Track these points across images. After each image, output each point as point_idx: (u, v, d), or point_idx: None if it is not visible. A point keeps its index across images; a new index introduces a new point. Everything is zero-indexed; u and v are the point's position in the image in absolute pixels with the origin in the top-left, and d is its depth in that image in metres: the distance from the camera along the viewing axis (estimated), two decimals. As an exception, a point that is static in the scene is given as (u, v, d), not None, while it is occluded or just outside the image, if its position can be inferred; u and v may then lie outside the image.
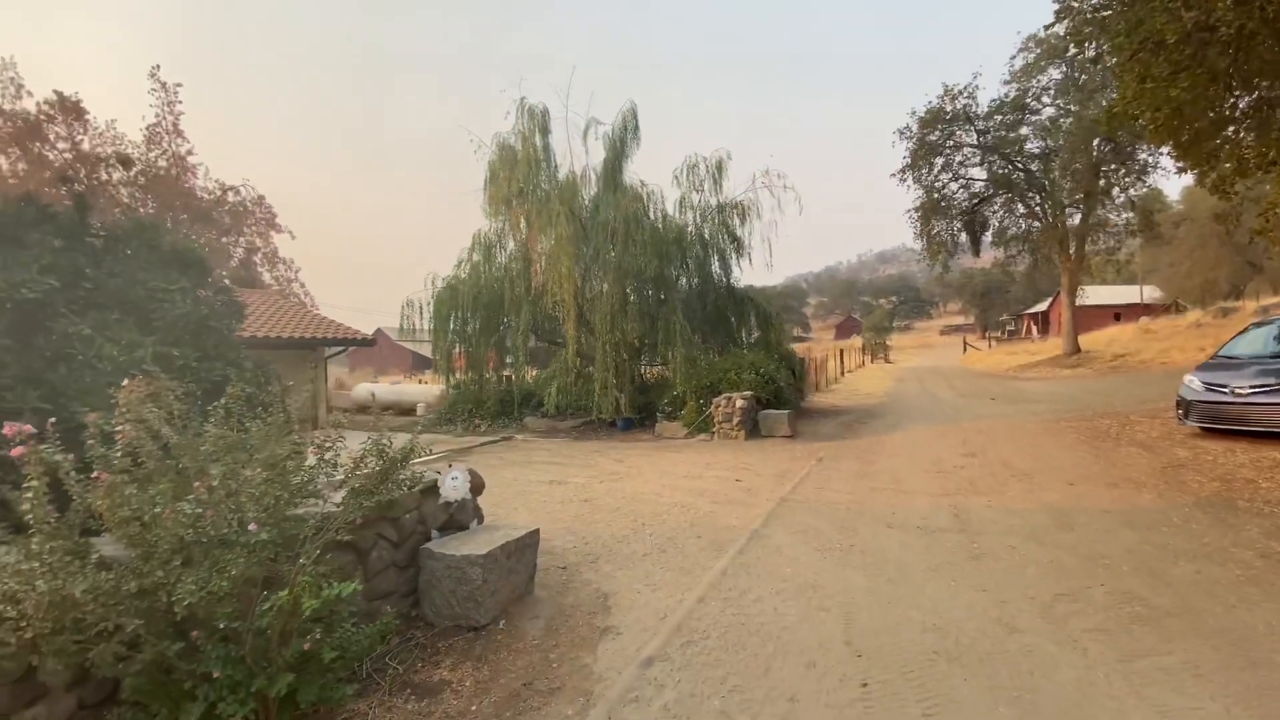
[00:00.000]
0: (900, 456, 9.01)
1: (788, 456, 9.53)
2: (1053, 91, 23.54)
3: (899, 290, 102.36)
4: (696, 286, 15.88)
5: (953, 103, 23.95)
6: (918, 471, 7.86)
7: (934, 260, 28.02)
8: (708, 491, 7.34)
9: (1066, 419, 11.61)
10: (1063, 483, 6.70)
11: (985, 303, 64.64)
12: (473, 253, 15.93)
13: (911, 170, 25.95)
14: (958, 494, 6.54)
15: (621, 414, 13.95)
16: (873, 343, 44.22)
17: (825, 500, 6.58)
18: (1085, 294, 29.43)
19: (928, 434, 11.07)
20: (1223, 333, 22.53)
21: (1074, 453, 8.38)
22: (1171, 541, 4.69)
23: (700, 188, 16.28)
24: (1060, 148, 23.80)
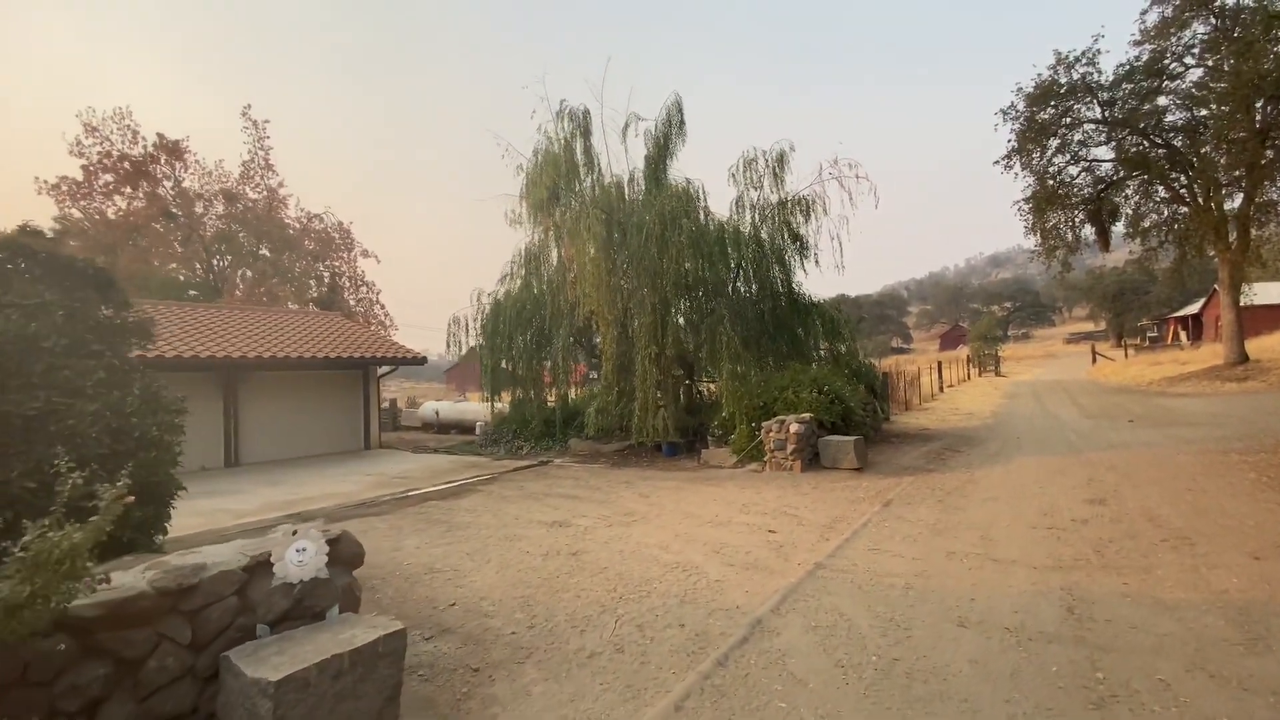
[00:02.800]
0: (998, 501, 6.93)
1: (847, 497, 7.69)
2: (1198, 50, 19.59)
3: (1014, 295, 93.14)
4: (754, 294, 14.19)
5: (1068, 72, 20.56)
6: (1019, 526, 5.84)
7: (1050, 258, 24.28)
8: (728, 547, 5.77)
9: (1237, 449, 8.85)
10: (1243, 555, 4.53)
11: (1119, 306, 56.66)
12: (515, 266, 15.25)
13: (1019, 155, 22.64)
14: (1076, 568, 4.56)
15: (667, 437, 12.50)
16: (980, 353, 39.59)
17: (877, 569, 4.82)
18: (1253, 292, 24.39)
19: (1040, 469, 8.75)
20: None
21: (1255, 503, 5.98)
22: None
23: (759, 184, 14.69)
24: (1212, 116, 19.74)
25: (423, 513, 8.18)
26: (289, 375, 15.37)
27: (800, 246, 14.35)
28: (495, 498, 9.01)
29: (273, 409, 15.09)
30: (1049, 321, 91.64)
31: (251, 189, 27.67)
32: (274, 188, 28.32)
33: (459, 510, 8.22)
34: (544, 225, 14.12)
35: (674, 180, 13.58)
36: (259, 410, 14.83)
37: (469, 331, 16.03)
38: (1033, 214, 23.56)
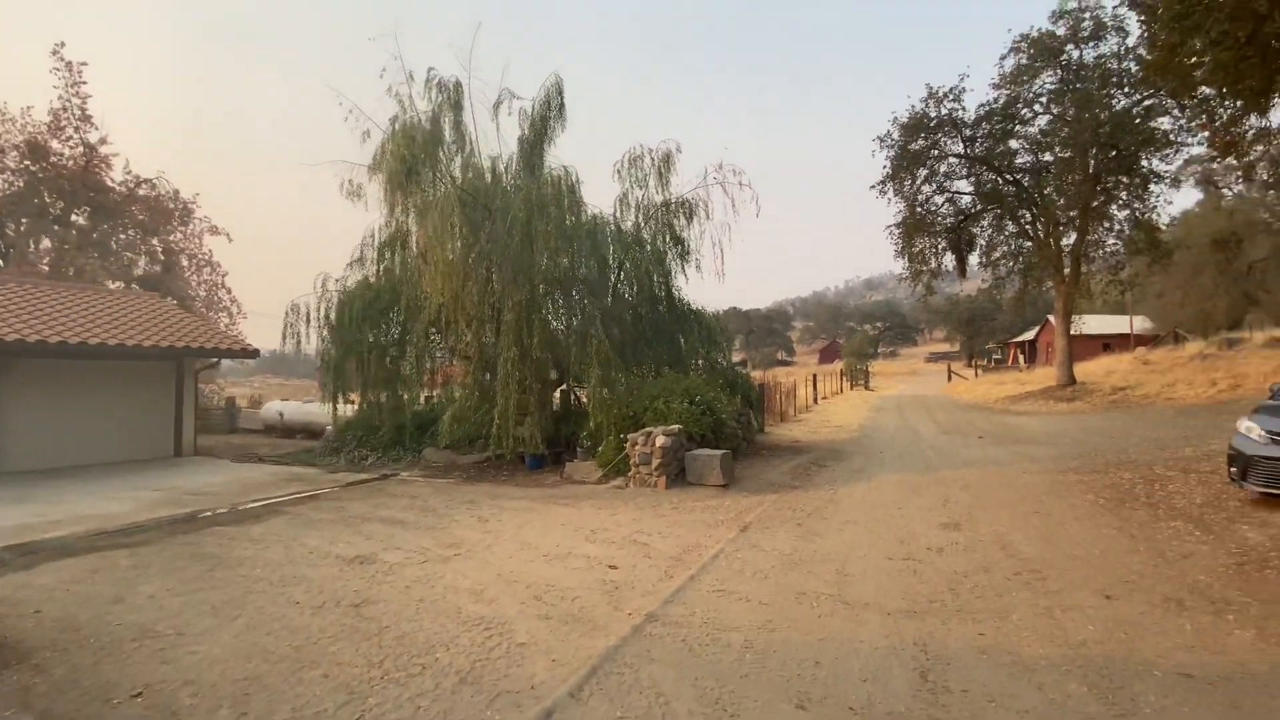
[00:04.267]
0: (857, 526, 6.51)
1: (706, 520, 6.99)
2: (1045, 99, 21.66)
3: (885, 316, 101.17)
4: (633, 296, 13.46)
5: (937, 107, 21.99)
6: (876, 557, 5.36)
7: (916, 282, 25.89)
8: (554, 591, 4.78)
9: (1075, 469, 9.23)
10: (1095, 593, 4.23)
11: (971, 330, 62.99)
12: (367, 250, 13.48)
13: (892, 182, 23.91)
14: (931, 613, 4.03)
15: (533, 448, 11.36)
16: (853, 369, 42.01)
17: (717, 620, 4.03)
18: (1082, 321, 27.41)
19: (899, 487, 8.60)
20: (1234, 365, 20.46)
21: (1097, 529, 5.94)
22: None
23: (644, 183, 14.00)
24: (1055, 160, 21.89)
25: (194, 544, 6.49)
26: (74, 366, 12.54)
27: (682, 250, 13.83)
28: (300, 522, 7.45)
29: (49, 406, 12.23)
30: (913, 341, 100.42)
31: (63, 143, 23.08)
32: (93, 144, 23.82)
33: (243, 540, 6.61)
34: (401, 205, 12.50)
35: (551, 167, 12.54)
36: (28, 407, 11.95)
37: (311, 322, 13.96)
38: (902, 239, 24.99)
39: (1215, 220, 30.91)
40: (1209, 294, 33.17)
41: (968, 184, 24.40)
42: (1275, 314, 33.58)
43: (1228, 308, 34.35)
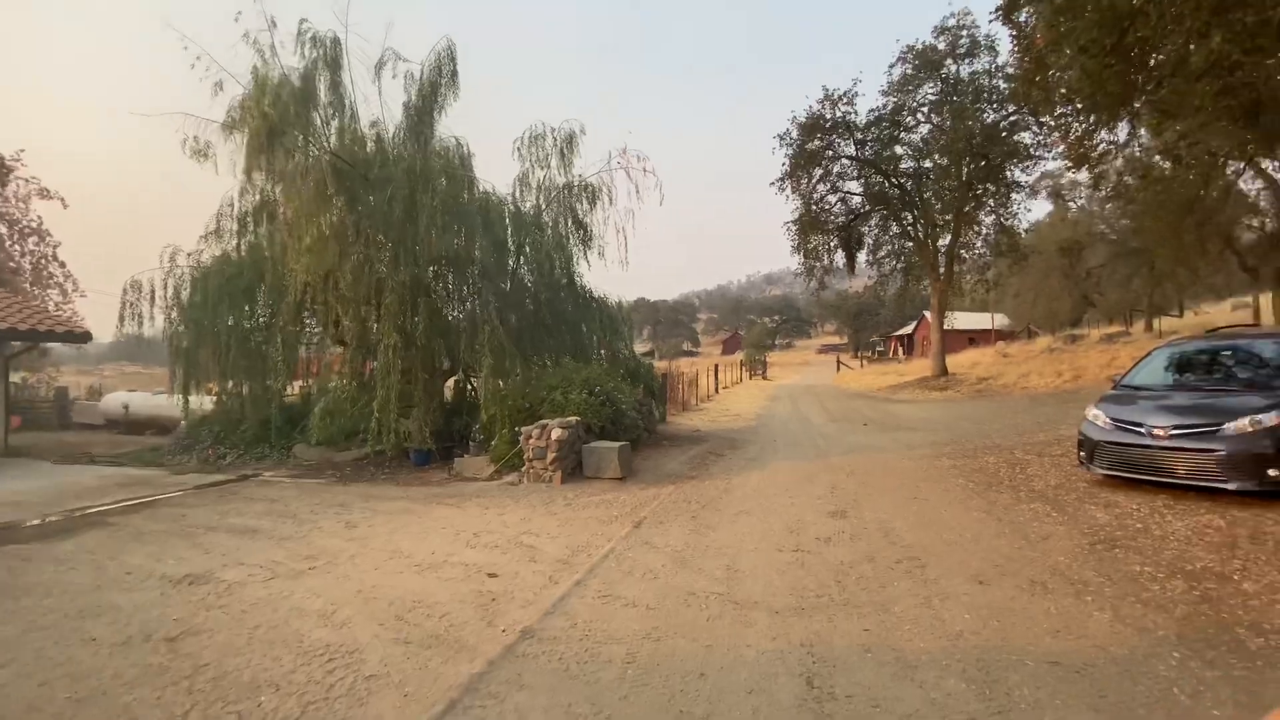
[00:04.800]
0: (750, 517, 6.45)
1: (600, 516, 6.67)
2: (927, 109, 23.23)
3: (782, 309, 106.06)
4: (532, 282, 12.86)
5: (833, 109, 22.96)
6: (767, 549, 5.28)
7: (810, 277, 27.07)
8: (421, 607, 4.26)
9: (947, 454, 9.83)
10: (969, 580, 4.34)
11: (858, 323, 67.47)
12: (225, 221, 11.92)
13: (790, 179, 24.76)
14: (818, 609, 3.94)
15: (422, 443, 10.53)
16: (752, 359, 43.58)
17: (600, 632, 3.71)
18: (954, 318, 29.87)
19: (791, 474, 8.74)
20: (1076, 358, 23.10)
21: (969, 513, 6.24)
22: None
23: (545, 163, 13.41)
24: (933, 167, 23.55)
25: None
26: None
27: (585, 235, 13.39)
28: (125, 536, 6.33)
29: None
30: (807, 334, 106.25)
31: None
32: None
33: (43, 562, 5.48)
34: (265, 171, 11.07)
35: (442, 137, 11.62)
36: None
37: (157, 302, 12.16)
38: (799, 235, 26.00)
39: (1062, 230, 34.86)
40: (1056, 295, 37.48)
41: (858, 185, 25.78)
42: (1108, 313, 38.56)
43: (1071, 307, 39.03)
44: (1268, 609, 3.50)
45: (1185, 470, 5.99)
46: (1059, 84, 7.69)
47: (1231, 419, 5.84)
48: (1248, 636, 3.18)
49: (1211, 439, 5.88)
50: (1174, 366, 7.45)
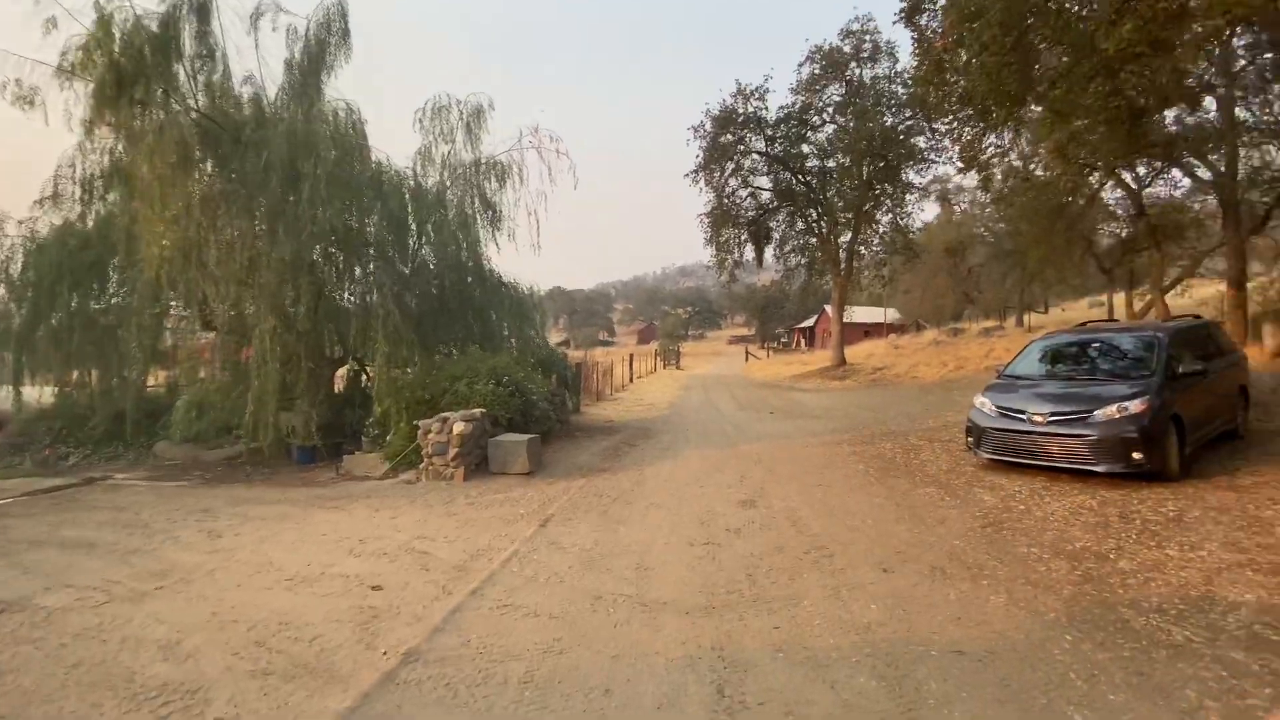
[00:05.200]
0: (662, 509, 6.28)
1: (504, 515, 6.26)
2: (832, 110, 24.16)
3: (695, 301, 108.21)
4: (437, 265, 12.06)
5: (745, 104, 23.35)
6: (678, 543, 5.11)
7: (722, 270, 27.53)
8: (288, 628, 3.71)
9: (847, 441, 10.18)
10: (874, 568, 4.37)
11: (765, 316, 70.02)
12: (65, 184, 10.23)
13: (704, 172, 24.97)
14: (729, 606, 3.80)
15: (300, 439, 9.56)
16: (666, 349, 44.03)
17: (497, 648, 3.36)
18: (852, 312, 31.49)
19: (703, 463, 8.70)
20: (958, 350, 25.02)
21: (870, 498, 6.40)
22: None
23: (450, 137, 12.60)
24: (837, 166, 24.57)
25: None
26: None
27: (494, 216, 12.72)
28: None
29: None
30: (718, 325, 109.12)
31: None
32: None
33: None
34: (115, 127, 9.55)
35: (331, 101, 10.53)
36: None
37: (-28, 275, 10.26)
38: (711, 228, 26.33)
39: (948, 231, 37.70)
40: (941, 292, 40.62)
41: (768, 181, 26.43)
42: (985, 309, 42.24)
43: (954, 303, 42.47)
44: (1144, 587, 3.74)
45: (1061, 454, 6.44)
46: (956, 87, 8.11)
47: (1101, 406, 6.34)
48: (1131, 616, 3.36)
49: (1083, 425, 6.35)
50: (1050, 358, 8.04)
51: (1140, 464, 5.98)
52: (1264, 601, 3.40)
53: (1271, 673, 2.69)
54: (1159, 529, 4.82)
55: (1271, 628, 3.11)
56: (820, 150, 25.37)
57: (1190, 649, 2.96)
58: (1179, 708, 2.50)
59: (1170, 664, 2.84)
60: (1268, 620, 3.18)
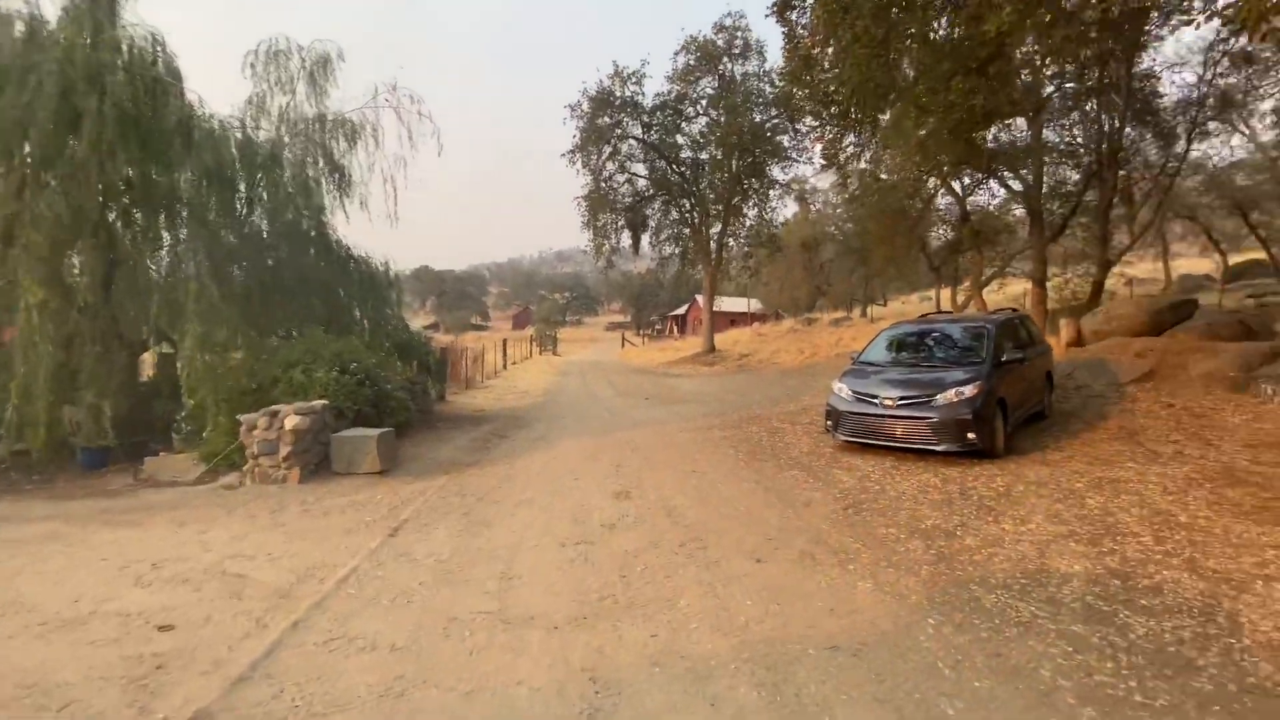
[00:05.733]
0: (532, 506, 5.84)
1: (346, 523, 5.45)
2: (705, 103, 24.63)
3: (573, 286, 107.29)
4: (272, 233, 10.47)
5: (622, 87, 23.06)
6: (549, 545, 4.71)
7: (599, 255, 27.24)
8: (35, 691, 2.80)
9: (718, 425, 10.36)
10: (748, 558, 4.29)
11: (641, 303, 71.18)
12: None
13: (581, 153, 24.41)
14: (602, 614, 3.48)
15: (88, 439, 7.83)
16: (542, 335, 43.08)
17: (317, 700, 2.75)
18: (721, 301, 32.70)
19: (578, 453, 8.35)
20: (812, 338, 26.94)
21: (741, 484, 6.44)
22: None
23: (290, 88, 11.01)
24: (709, 159, 25.16)
25: None
26: None
27: (342, 181, 11.32)
28: None
29: None
30: (595, 311, 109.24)
31: None
32: None
33: None
34: None
35: (129, 26, 8.60)
36: None
37: None
38: (588, 211, 25.89)
39: (804, 228, 40.49)
40: (797, 284, 43.70)
41: (644, 168, 26.45)
42: (834, 301, 46.08)
43: (808, 295, 45.89)
44: (989, 563, 3.98)
45: (907, 435, 6.92)
46: (822, 86, 8.42)
47: (941, 391, 6.88)
48: (982, 594, 3.53)
49: (926, 408, 6.85)
50: (896, 346, 8.66)
51: (973, 443, 6.57)
52: (1090, 572, 3.75)
53: (1110, 645, 2.90)
54: (993, 504, 5.27)
55: (1100, 598, 3.40)
56: (694, 142, 25.84)
57: (1037, 625, 3.13)
58: (1038, 689, 2.59)
59: (1022, 641, 2.98)
60: (1096, 591, 3.48)
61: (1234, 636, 2.95)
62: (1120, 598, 3.43)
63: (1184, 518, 4.69)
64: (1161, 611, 3.25)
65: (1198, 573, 3.71)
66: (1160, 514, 4.78)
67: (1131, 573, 3.77)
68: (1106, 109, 14.08)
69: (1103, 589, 3.54)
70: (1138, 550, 4.11)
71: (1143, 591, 3.50)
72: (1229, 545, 4.11)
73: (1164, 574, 3.73)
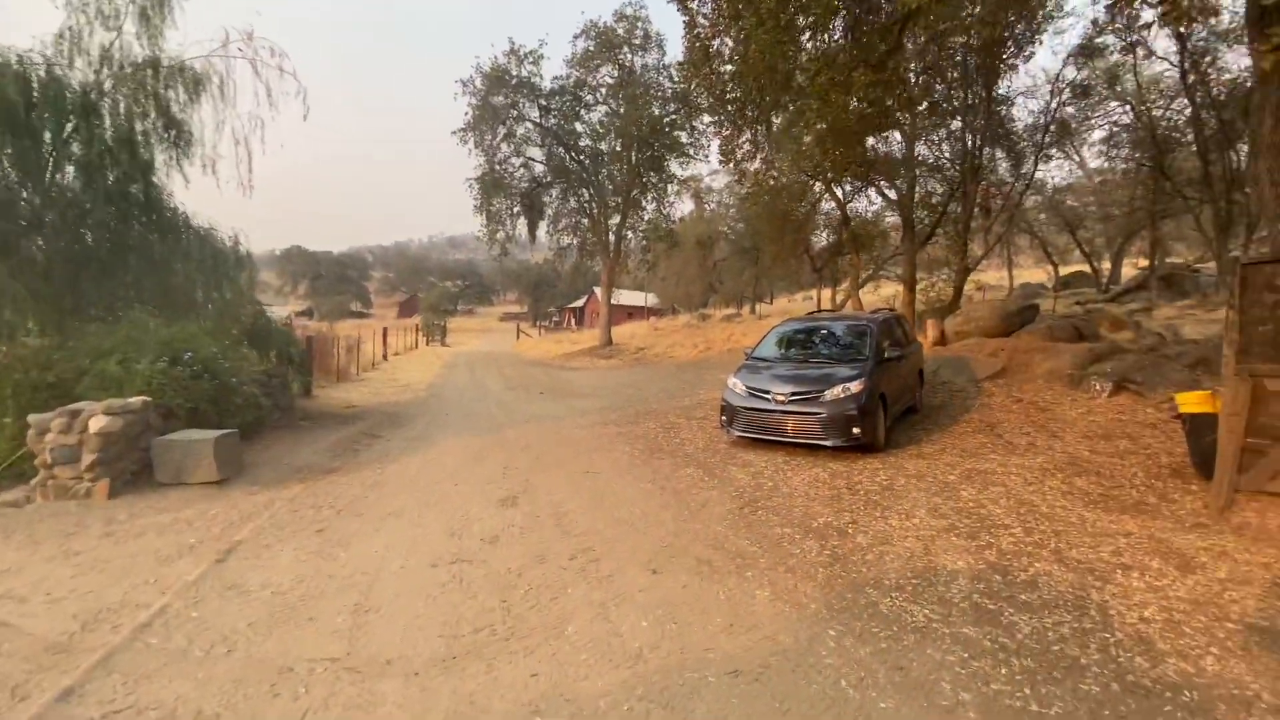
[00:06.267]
0: (401, 519, 5.16)
1: (162, 547, 4.48)
2: (604, 92, 24.19)
3: (466, 274, 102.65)
4: (89, 196, 8.71)
5: (519, 66, 22.02)
6: (417, 565, 4.12)
7: (493, 241, 26.00)
8: None
9: (614, 420, 10.06)
10: (644, 569, 3.98)
11: (538, 294, 69.60)
12: None
13: (474, 132, 23.08)
14: (474, 653, 2.99)
15: None
16: (430, 324, 40.68)
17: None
18: (619, 294, 32.54)
19: (462, 454, 7.68)
20: (706, 333, 27.51)
21: (637, 484, 6.14)
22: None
23: (115, 22, 9.24)
24: (608, 149, 24.78)
25: None
26: None
27: (181, 138, 9.70)
28: None
29: None
30: (490, 301, 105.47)
31: None
32: None
33: None
34: None
35: None
36: None
37: None
38: (481, 195, 24.59)
39: (698, 226, 41.41)
40: (692, 280, 44.67)
41: (541, 153, 25.55)
42: (726, 298, 47.64)
43: (702, 291, 47.08)
44: (881, 562, 3.94)
45: (798, 430, 6.98)
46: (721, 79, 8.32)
47: (829, 386, 6.99)
48: (878, 597, 3.44)
49: (815, 404, 6.94)
50: (788, 342, 8.78)
51: (858, 438, 6.73)
52: (972, 568, 3.81)
53: (1001, 649, 2.88)
54: (879, 499, 5.36)
55: (986, 596, 3.43)
56: (594, 131, 25.34)
57: (932, 630, 3.07)
58: (941, 705, 2.47)
59: (920, 650, 2.89)
60: (981, 588, 3.52)
61: (1107, 630, 3.05)
62: (1003, 594, 3.50)
63: (1045, 508, 5.00)
64: (1040, 607, 3.33)
65: (1065, 564, 3.89)
66: (1025, 504, 5.07)
67: (1009, 566, 3.88)
68: (969, 129, 15.41)
69: (986, 585, 3.59)
70: (1011, 543, 4.28)
71: (1021, 586, 3.60)
72: (1086, 534, 4.39)
73: (1036, 566, 3.87)
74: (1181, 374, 9.35)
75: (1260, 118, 6.12)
